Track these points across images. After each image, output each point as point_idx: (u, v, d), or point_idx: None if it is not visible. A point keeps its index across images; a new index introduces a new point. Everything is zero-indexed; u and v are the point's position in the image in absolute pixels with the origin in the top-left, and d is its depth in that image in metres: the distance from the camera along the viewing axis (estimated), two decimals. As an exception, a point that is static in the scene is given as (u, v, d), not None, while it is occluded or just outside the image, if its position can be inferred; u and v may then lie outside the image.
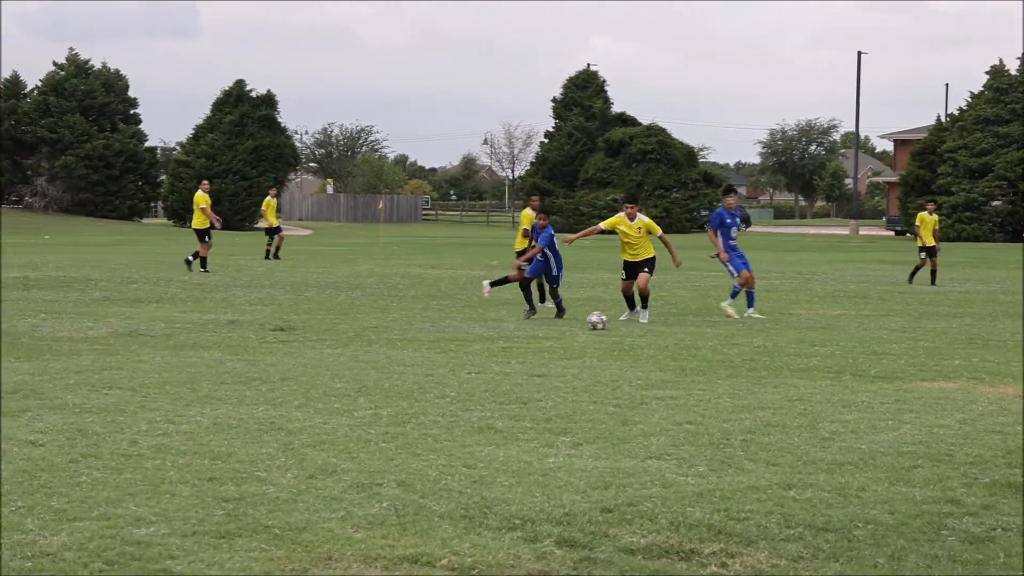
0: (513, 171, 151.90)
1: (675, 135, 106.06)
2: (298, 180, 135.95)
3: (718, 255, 23.37)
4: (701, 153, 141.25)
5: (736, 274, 23.31)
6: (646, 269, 22.12)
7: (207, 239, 34.86)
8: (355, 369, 15.15)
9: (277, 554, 7.32)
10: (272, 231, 43.34)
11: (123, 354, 16.32)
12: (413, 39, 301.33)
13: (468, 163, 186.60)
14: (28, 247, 52.44)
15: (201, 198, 35.53)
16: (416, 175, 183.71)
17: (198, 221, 35.19)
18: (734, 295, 23.45)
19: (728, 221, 23.44)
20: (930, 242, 34.30)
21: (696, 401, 13.04)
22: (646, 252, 22.32)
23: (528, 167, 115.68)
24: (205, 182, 37.50)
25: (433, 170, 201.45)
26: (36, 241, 60.51)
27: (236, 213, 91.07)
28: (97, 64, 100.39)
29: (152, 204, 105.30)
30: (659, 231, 22.39)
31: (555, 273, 22.76)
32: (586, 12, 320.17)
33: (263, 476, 9.24)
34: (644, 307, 22.08)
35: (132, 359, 15.79)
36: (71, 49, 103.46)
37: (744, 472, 9.65)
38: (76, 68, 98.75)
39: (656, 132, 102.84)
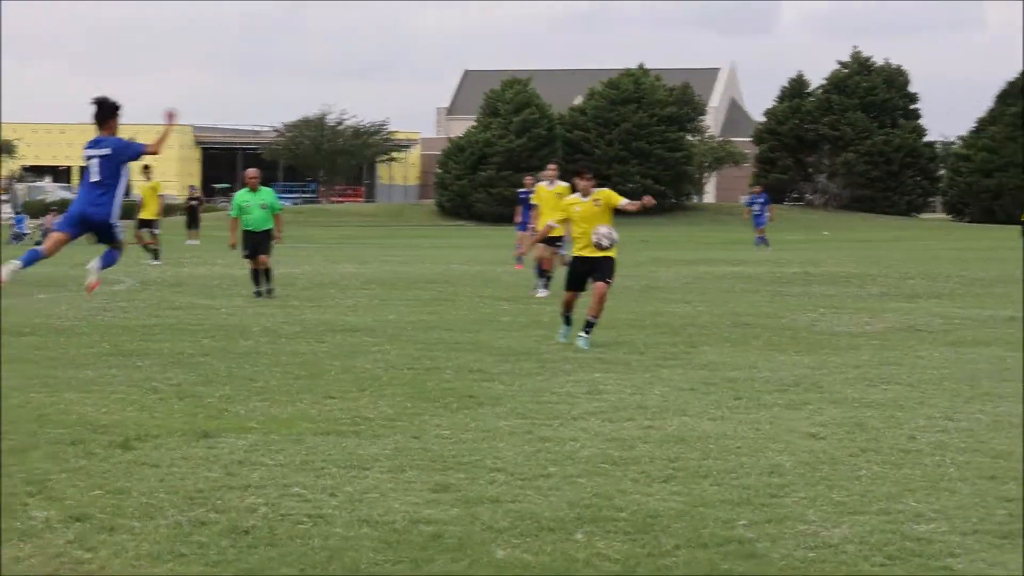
0: None
1: None
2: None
3: None
4: None
5: None
6: None
7: None
8: None
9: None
10: None
11: (900, 349, 16.30)
12: None
13: None
14: (807, 243, 53.71)
15: None
16: None
17: None
18: None
19: None
20: None
21: None
22: None
23: None
24: None
25: None
26: (815, 237, 61.78)
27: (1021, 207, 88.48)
28: (879, 61, 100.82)
29: (930, 199, 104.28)
30: None
31: None
32: None
33: (1047, 478, 8.91)
34: None
35: (910, 354, 15.74)
36: (854, 47, 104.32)
37: None
38: (859, 65, 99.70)
39: None
